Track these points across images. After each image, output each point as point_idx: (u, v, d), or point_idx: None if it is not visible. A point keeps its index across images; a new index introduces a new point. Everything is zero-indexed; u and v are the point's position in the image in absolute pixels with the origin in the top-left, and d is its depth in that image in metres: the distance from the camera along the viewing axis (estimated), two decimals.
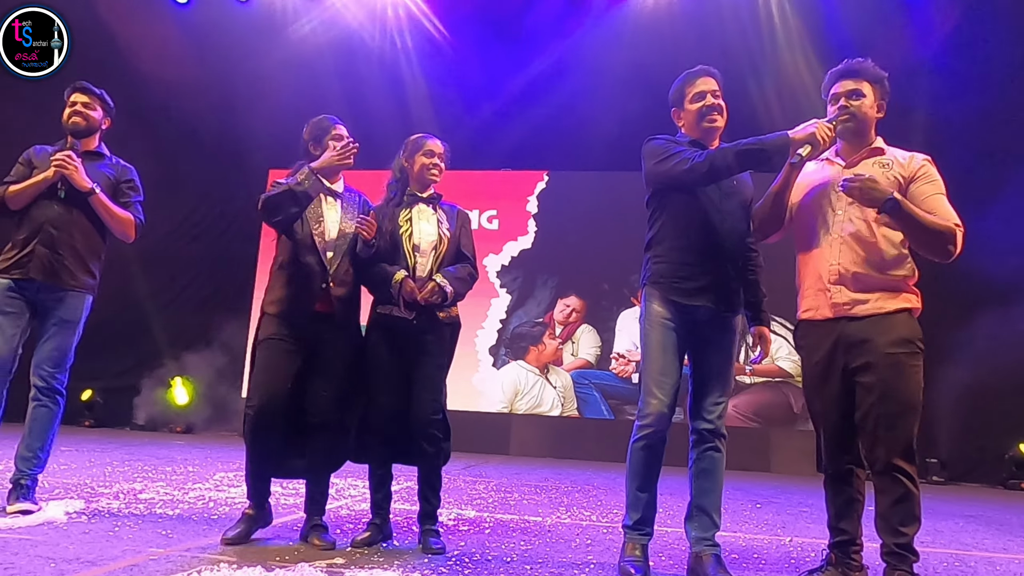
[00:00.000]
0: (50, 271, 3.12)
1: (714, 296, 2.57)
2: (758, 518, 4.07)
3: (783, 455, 6.95)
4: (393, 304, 2.87)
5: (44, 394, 3.13)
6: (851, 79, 2.46)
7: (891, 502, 2.29)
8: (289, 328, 2.80)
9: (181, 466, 4.90)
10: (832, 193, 2.45)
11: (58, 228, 3.14)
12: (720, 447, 2.62)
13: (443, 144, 3.06)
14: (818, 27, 6.90)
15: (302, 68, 7.47)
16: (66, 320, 3.17)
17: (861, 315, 2.35)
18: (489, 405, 7.45)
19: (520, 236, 7.71)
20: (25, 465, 3.10)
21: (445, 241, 2.96)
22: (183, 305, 8.25)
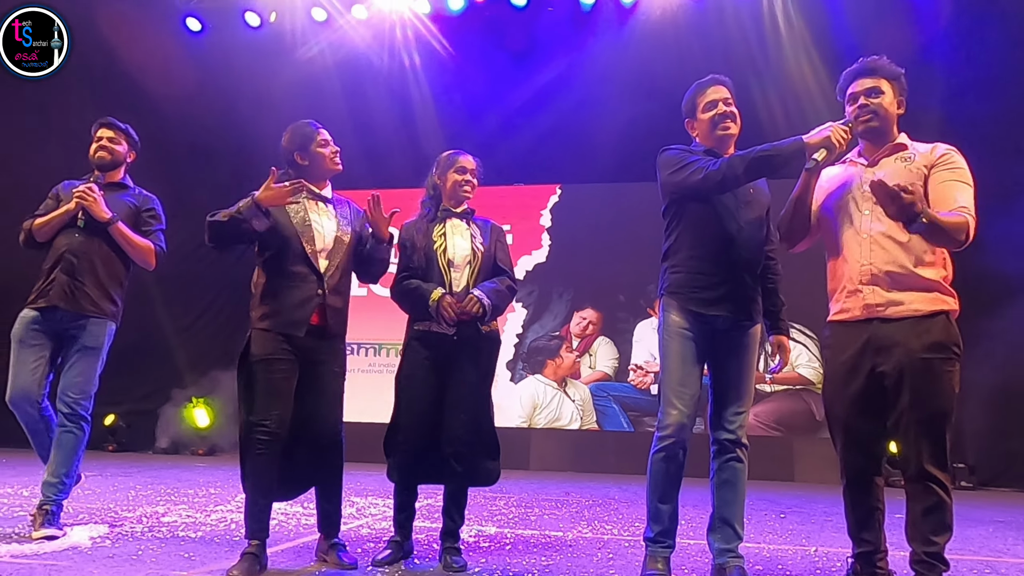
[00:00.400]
0: (70, 298, 3.19)
1: (732, 305, 2.57)
2: (783, 528, 4.01)
3: (806, 464, 6.85)
4: (430, 320, 2.84)
5: (69, 420, 3.17)
6: (868, 77, 2.43)
7: (922, 510, 2.24)
8: (285, 343, 2.67)
9: (203, 489, 4.93)
10: (858, 193, 2.41)
11: (78, 256, 3.22)
12: (742, 457, 2.59)
13: (475, 160, 3.05)
14: (824, 32, 6.88)
15: (311, 89, 7.55)
16: (88, 347, 3.22)
17: (895, 316, 2.28)
18: (508, 420, 7.43)
19: (534, 250, 7.72)
20: (50, 491, 3.12)
21: (479, 255, 2.94)
22: (202, 328, 8.31)
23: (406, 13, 7.57)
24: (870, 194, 2.29)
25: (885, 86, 2.41)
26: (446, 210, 3.00)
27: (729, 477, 2.58)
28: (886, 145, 2.42)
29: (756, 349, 2.67)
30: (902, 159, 2.39)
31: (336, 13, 7.55)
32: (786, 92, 6.98)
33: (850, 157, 2.51)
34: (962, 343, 2.28)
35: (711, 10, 7.07)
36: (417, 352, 2.88)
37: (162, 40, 7.75)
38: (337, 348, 2.84)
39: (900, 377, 2.24)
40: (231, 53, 7.68)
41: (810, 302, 7.18)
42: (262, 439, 2.64)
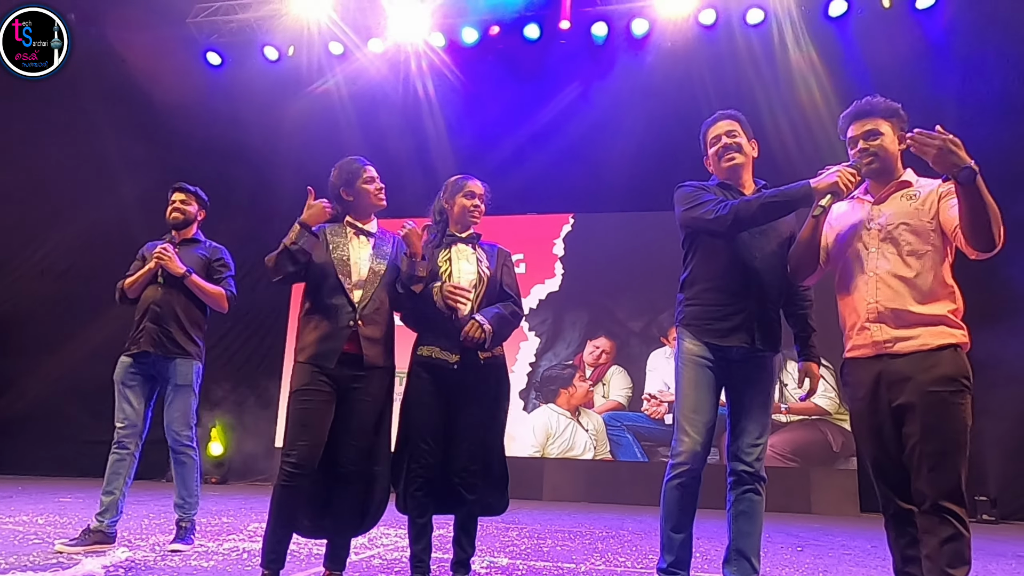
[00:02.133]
0: (158, 343, 3.69)
1: (746, 335, 2.58)
2: (799, 562, 3.94)
3: (824, 495, 6.75)
4: (435, 346, 2.83)
5: (177, 451, 3.76)
6: (865, 119, 2.43)
7: (938, 543, 2.18)
8: (321, 374, 2.70)
9: (216, 517, 4.92)
10: (864, 231, 2.41)
11: (161, 306, 3.72)
12: (759, 490, 2.57)
13: (483, 185, 3.06)
14: (834, 60, 6.93)
15: (326, 120, 7.68)
16: (179, 384, 3.73)
17: (903, 352, 2.27)
18: (521, 449, 7.39)
19: (547, 279, 7.74)
20: (181, 512, 3.71)
21: (485, 280, 2.93)
22: (216, 357, 8.35)
23: (421, 46, 7.71)
24: (876, 232, 2.35)
25: (884, 126, 2.41)
26: (451, 236, 3.00)
27: (746, 509, 2.56)
28: (892, 182, 2.43)
29: (774, 379, 2.66)
30: (907, 197, 2.39)
31: (353, 46, 7.71)
32: (797, 119, 7.02)
33: (857, 194, 2.51)
34: (972, 375, 2.26)
35: (722, 39, 7.14)
36: (421, 380, 2.85)
37: (183, 72, 7.93)
38: (375, 378, 2.79)
39: (911, 410, 2.23)
40: (250, 86, 7.84)
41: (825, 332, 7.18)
42: (287, 470, 2.64)
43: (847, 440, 6.80)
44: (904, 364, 2.27)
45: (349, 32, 7.65)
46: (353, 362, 2.74)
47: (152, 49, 7.64)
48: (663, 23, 7.21)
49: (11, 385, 7.93)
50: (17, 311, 8.05)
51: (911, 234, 2.31)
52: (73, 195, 7.96)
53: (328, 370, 2.71)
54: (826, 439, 6.88)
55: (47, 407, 7.84)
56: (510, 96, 7.70)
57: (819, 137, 6.90)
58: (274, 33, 7.75)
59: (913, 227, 2.32)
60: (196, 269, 3.78)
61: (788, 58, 7.06)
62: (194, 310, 3.81)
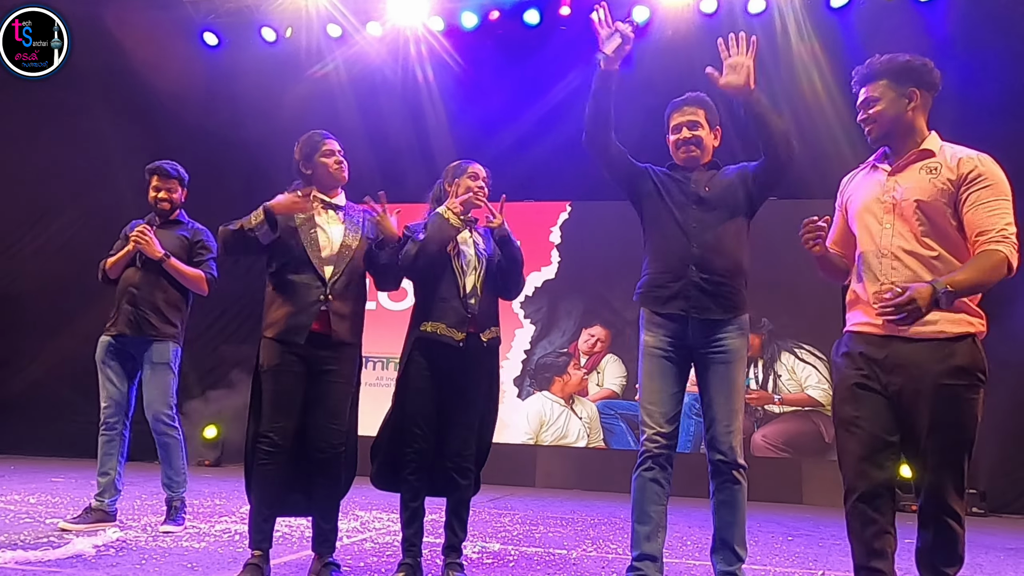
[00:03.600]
0: (135, 325, 3.70)
1: (685, 303, 2.58)
2: (789, 551, 3.97)
3: (815, 486, 6.78)
4: (438, 322, 2.78)
5: (158, 432, 3.75)
6: (862, 87, 2.27)
7: (935, 540, 2.12)
8: (291, 353, 2.68)
9: (208, 499, 4.93)
10: (877, 204, 2.22)
11: (139, 288, 3.72)
12: (738, 478, 2.54)
13: (486, 169, 3.06)
14: (836, 50, 6.89)
15: (325, 104, 7.61)
16: (156, 363, 3.72)
17: (918, 337, 2.08)
18: (514, 436, 7.40)
19: (544, 267, 7.73)
20: (170, 491, 3.73)
21: (484, 261, 2.93)
22: (211, 340, 8.34)
23: (420, 30, 7.64)
24: (891, 206, 2.18)
25: (882, 89, 2.21)
26: None
27: (726, 498, 2.54)
28: (911, 151, 2.21)
29: (738, 364, 2.58)
30: (928, 169, 2.17)
31: (352, 29, 7.64)
32: (799, 108, 6.99)
33: (874, 161, 2.33)
34: (987, 368, 2.13)
35: (724, 28, 7.08)
36: (419, 364, 2.83)
37: (179, 53, 7.85)
38: (345, 356, 2.77)
39: (917, 400, 2.08)
40: (247, 67, 7.77)
41: (820, 323, 7.20)
42: (266, 450, 2.65)
43: None
44: (916, 350, 2.09)
45: (348, 14, 7.57)
46: (322, 340, 2.70)
47: (148, 29, 7.56)
48: (664, 11, 7.16)
49: (4, 365, 7.90)
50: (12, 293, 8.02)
51: (927, 213, 2.13)
52: (72, 178, 7.89)
53: (297, 348, 2.67)
54: (819, 430, 6.91)
55: (41, 387, 7.82)
56: (509, 82, 7.65)
57: (820, 127, 6.88)
58: (272, 14, 7.67)
59: (930, 205, 2.13)
60: (177, 251, 3.77)
61: (790, 48, 7.02)
62: (173, 292, 3.81)
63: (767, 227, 7.34)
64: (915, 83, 2.21)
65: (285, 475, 2.71)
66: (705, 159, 2.75)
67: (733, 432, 2.54)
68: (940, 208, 2.12)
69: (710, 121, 2.75)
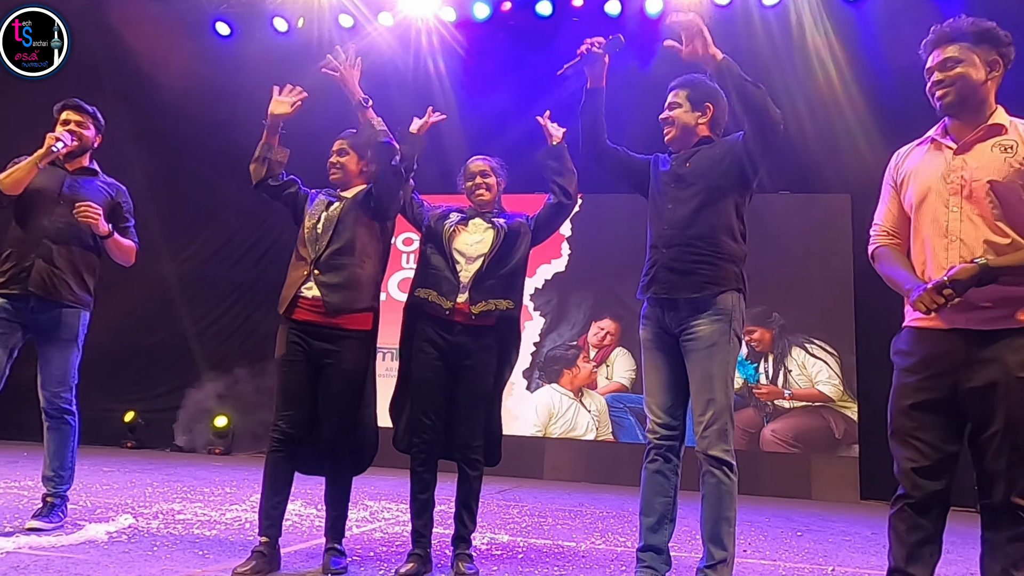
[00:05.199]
0: (49, 286, 3.09)
1: (658, 285, 2.55)
2: (799, 547, 3.96)
3: (824, 481, 6.76)
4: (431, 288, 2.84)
5: (52, 416, 3.20)
6: (941, 47, 2.07)
7: (1005, 540, 1.97)
8: (295, 344, 2.75)
9: (219, 487, 4.96)
10: (943, 185, 2.03)
11: (56, 242, 3.12)
12: (713, 472, 2.42)
13: (485, 161, 3.07)
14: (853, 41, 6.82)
15: (336, 95, 7.61)
16: (65, 339, 3.17)
17: (988, 329, 1.94)
18: (523, 429, 7.41)
19: (554, 259, 7.71)
20: (51, 485, 3.20)
21: (502, 233, 2.92)
22: (223, 328, 8.39)
23: (432, 21, 7.62)
24: (958, 188, 1.99)
25: (964, 52, 2.03)
26: (472, 208, 3.05)
27: (706, 493, 2.45)
28: (980, 126, 2.03)
29: (714, 350, 2.46)
30: (1000, 147, 1.98)
31: (363, 20, 7.63)
32: (814, 101, 6.92)
33: (934, 135, 2.12)
34: None
35: (738, 20, 7.04)
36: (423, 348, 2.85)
37: (192, 43, 7.86)
38: (347, 348, 2.76)
39: (991, 396, 1.93)
40: (259, 57, 7.77)
41: (830, 317, 7.17)
42: (276, 438, 2.75)
43: (849, 427, 6.80)
44: (988, 343, 1.94)
45: (359, 4, 7.56)
46: (320, 332, 2.75)
47: (159, 20, 7.57)
48: (677, 2, 7.11)
49: None
50: None
51: (1000, 195, 1.95)
52: None
53: (298, 338, 2.75)
54: (828, 425, 6.88)
55: None
56: (521, 73, 7.61)
57: (836, 121, 6.82)
58: (284, 3, 7.67)
59: (1005, 186, 1.95)
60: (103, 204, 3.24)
61: (805, 40, 6.95)
62: (91, 252, 3.25)
63: (778, 221, 7.34)
64: (999, 53, 2.06)
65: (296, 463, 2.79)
66: (689, 137, 2.70)
67: (704, 423, 2.44)
68: (1016, 189, 1.94)
69: (693, 100, 2.69)
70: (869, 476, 6.68)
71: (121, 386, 8.14)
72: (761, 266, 2.73)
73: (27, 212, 3.13)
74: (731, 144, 2.60)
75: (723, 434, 2.43)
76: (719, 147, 2.63)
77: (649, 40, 7.28)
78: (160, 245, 8.32)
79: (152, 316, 8.27)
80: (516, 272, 2.97)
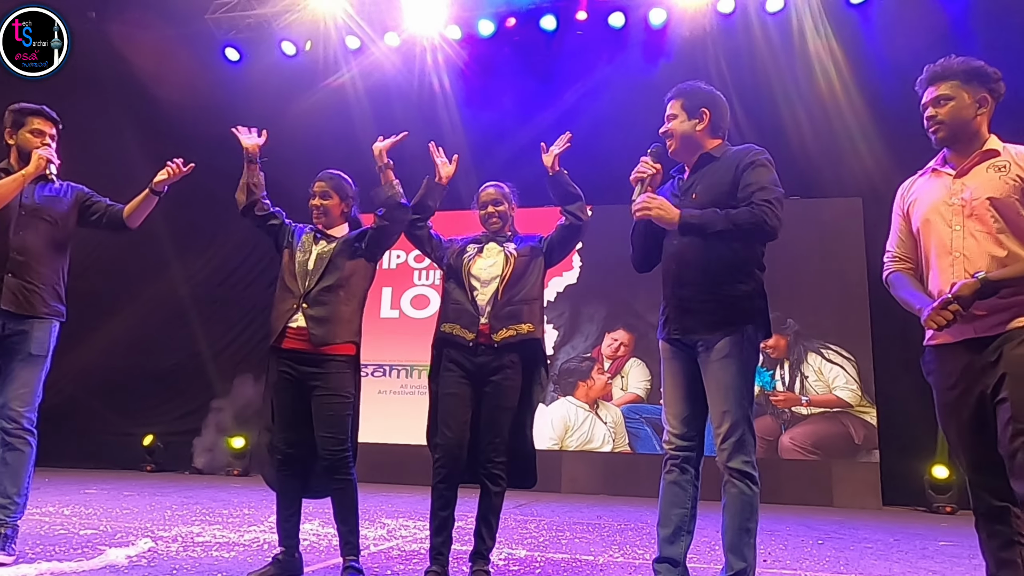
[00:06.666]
0: (23, 302, 2.96)
1: (672, 324, 2.56)
2: (820, 554, 3.91)
3: (845, 488, 6.69)
4: (454, 323, 2.90)
5: (14, 436, 2.93)
6: (933, 85, 2.23)
7: None
8: (283, 370, 2.86)
9: (237, 509, 4.98)
10: (945, 207, 2.19)
11: (24, 255, 2.99)
12: (732, 482, 2.41)
13: (496, 188, 3.12)
14: (855, 48, 6.82)
15: (340, 115, 7.70)
16: (34, 355, 2.99)
17: (991, 335, 2.07)
18: (539, 442, 7.33)
19: (565, 271, 7.72)
20: (3, 513, 2.91)
21: (512, 260, 2.96)
22: (238, 351, 8.45)
23: (437, 39, 7.70)
24: (960, 208, 2.15)
25: (955, 90, 2.19)
26: (486, 235, 3.10)
27: (727, 503, 2.43)
28: (974, 153, 2.20)
29: (731, 364, 2.43)
30: (995, 167, 2.16)
31: (368, 40, 7.72)
32: (815, 109, 6.92)
33: (934, 165, 2.29)
34: None
35: (740, 29, 7.06)
36: (449, 367, 2.91)
37: (202, 69, 7.98)
38: (333, 371, 2.85)
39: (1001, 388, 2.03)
40: (267, 81, 7.88)
41: (846, 322, 7.12)
42: (278, 459, 2.90)
43: (868, 432, 6.73)
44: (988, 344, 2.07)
45: (364, 26, 7.66)
46: (306, 358, 2.86)
47: (171, 46, 7.70)
48: (680, 12, 7.14)
49: None
50: None
51: (1000, 210, 2.10)
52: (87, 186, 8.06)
53: (287, 365, 2.86)
54: (848, 431, 6.81)
55: (71, 401, 7.97)
56: (526, 88, 7.67)
57: (838, 128, 6.80)
58: (291, 28, 7.78)
59: (1002, 202, 2.10)
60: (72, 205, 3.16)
61: (807, 47, 6.96)
62: (58, 258, 3.11)
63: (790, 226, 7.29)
64: (987, 90, 2.21)
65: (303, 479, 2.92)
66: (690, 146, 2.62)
67: (723, 435, 2.42)
68: (1013, 204, 2.09)
69: (688, 108, 2.61)
70: (891, 482, 6.61)
71: (139, 410, 8.21)
72: (774, 272, 2.70)
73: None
74: (735, 161, 2.51)
75: (742, 446, 2.40)
76: (722, 166, 2.53)
77: (653, 50, 7.32)
78: (174, 267, 8.42)
79: (167, 339, 8.35)
80: (532, 296, 2.99)
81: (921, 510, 6.40)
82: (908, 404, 6.57)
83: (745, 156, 2.50)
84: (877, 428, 6.71)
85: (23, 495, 2.96)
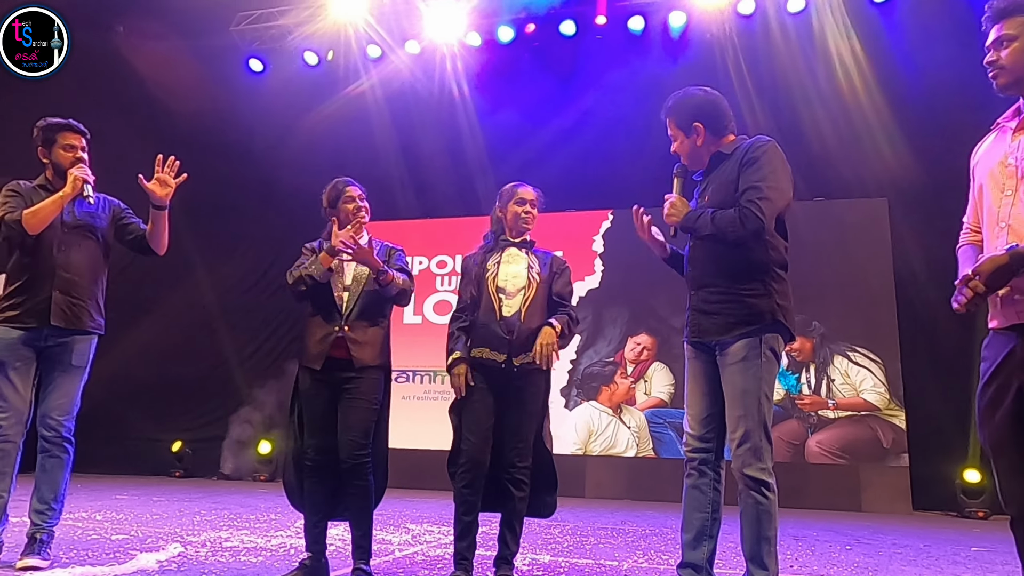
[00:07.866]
0: (71, 317, 3.06)
1: (690, 329, 2.57)
2: (848, 560, 3.86)
3: (874, 492, 6.59)
4: (483, 347, 2.91)
5: (53, 443, 3.03)
6: (992, 25, 1.93)
7: None
8: (317, 380, 2.90)
9: (264, 514, 5.03)
10: (1000, 168, 1.88)
11: (69, 271, 3.08)
12: (748, 490, 2.36)
13: (536, 191, 3.12)
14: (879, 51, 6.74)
15: (362, 123, 7.77)
16: (76, 366, 3.10)
17: None
18: (563, 447, 7.38)
19: (587, 276, 7.71)
20: (40, 519, 3.01)
21: (534, 285, 2.98)
22: (264, 357, 8.54)
23: (456, 46, 7.75)
24: (1013, 170, 1.85)
25: (1021, 28, 1.87)
26: (505, 240, 3.07)
27: (744, 512, 2.39)
28: None
29: (746, 367, 2.39)
30: None
31: (388, 49, 7.80)
32: (838, 109, 6.85)
33: (1001, 121, 1.98)
34: None
35: (760, 32, 7.02)
36: (476, 379, 2.91)
37: (226, 80, 8.11)
38: (367, 378, 2.90)
39: None
40: (289, 92, 7.99)
41: (873, 323, 7.02)
42: (308, 465, 2.91)
43: (897, 436, 6.63)
44: None
45: (384, 35, 7.73)
46: (344, 365, 2.90)
47: (197, 59, 7.83)
48: (700, 14, 7.12)
49: None
50: None
51: None
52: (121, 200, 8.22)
53: (322, 374, 2.90)
54: (876, 435, 6.71)
55: (103, 406, 8.10)
56: (547, 93, 7.69)
57: (861, 129, 6.73)
58: (313, 37, 7.88)
59: None
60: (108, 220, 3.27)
61: (829, 47, 6.89)
62: (99, 274, 3.21)
63: (815, 228, 7.23)
64: None
65: (331, 486, 2.92)
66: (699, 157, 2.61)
67: (737, 441, 2.38)
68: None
69: (682, 127, 2.59)
70: (921, 486, 6.50)
71: (168, 416, 8.33)
72: (799, 274, 2.66)
73: (34, 244, 3.07)
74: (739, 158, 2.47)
75: (756, 452, 2.35)
76: (730, 164, 2.49)
77: (673, 52, 7.30)
78: (201, 274, 8.55)
79: (195, 345, 8.47)
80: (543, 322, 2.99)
81: (953, 515, 6.29)
82: (937, 406, 6.47)
83: (747, 152, 2.45)
84: (906, 431, 6.60)
85: (59, 501, 3.06)
